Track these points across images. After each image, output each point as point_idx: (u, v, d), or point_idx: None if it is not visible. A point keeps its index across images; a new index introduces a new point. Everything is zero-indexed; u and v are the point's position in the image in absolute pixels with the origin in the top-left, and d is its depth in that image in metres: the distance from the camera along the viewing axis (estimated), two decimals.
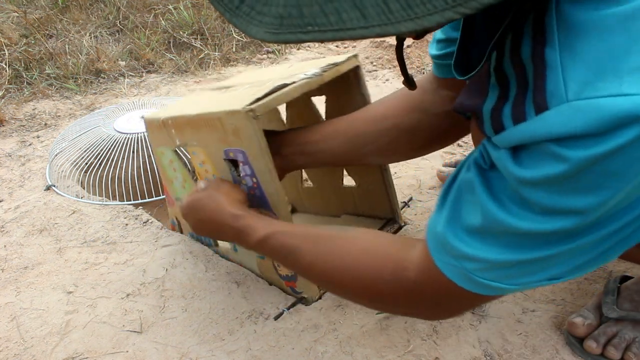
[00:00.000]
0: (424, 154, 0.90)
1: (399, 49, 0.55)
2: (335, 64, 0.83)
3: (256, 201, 0.80)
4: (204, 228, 0.77)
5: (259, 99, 0.72)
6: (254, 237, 0.68)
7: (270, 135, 0.80)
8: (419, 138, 0.81)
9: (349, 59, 0.86)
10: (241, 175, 0.79)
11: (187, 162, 0.93)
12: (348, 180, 1.03)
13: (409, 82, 0.60)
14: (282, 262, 0.68)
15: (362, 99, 0.89)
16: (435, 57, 0.75)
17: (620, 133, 0.34)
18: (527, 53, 0.39)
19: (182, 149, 0.88)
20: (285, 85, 0.77)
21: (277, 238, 0.66)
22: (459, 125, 0.81)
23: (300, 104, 0.97)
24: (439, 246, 0.50)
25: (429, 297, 0.54)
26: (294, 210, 1.11)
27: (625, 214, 0.41)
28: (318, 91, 0.93)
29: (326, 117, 0.97)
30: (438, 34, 0.75)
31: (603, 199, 0.38)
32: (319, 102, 0.98)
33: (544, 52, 0.37)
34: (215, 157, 0.81)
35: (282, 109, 1.02)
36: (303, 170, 1.05)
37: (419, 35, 0.45)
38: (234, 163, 0.79)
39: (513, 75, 0.41)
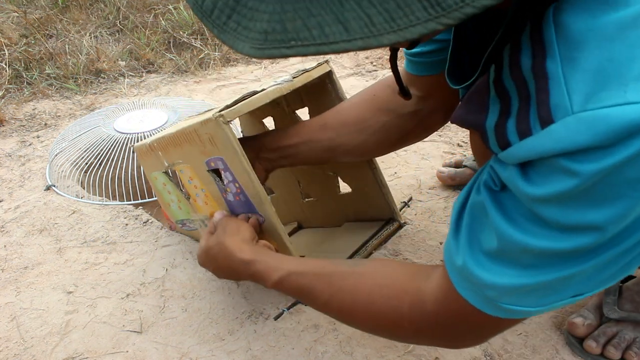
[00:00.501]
0: (395, 150, 0.94)
1: (393, 59, 0.54)
2: (306, 70, 0.87)
3: (243, 207, 0.81)
4: (224, 276, 0.79)
5: (228, 106, 0.76)
6: (269, 282, 0.69)
7: (250, 140, 0.84)
8: (388, 138, 0.84)
9: (319, 64, 0.89)
10: (225, 182, 0.81)
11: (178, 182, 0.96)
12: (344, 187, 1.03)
13: (404, 92, 0.60)
14: (300, 300, 0.69)
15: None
16: (409, 54, 0.74)
17: (630, 143, 0.33)
18: (528, 66, 0.39)
19: (171, 169, 0.91)
20: (255, 92, 0.81)
21: (290, 280, 0.67)
22: (425, 124, 0.84)
23: (286, 118, 1.00)
24: (459, 275, 0.49)
25: (451, 326, 0.53)
26: (299, 227, 1.13)
27: None
28: (300, 103, 0.97)
29: None
30: None
31: (621, 210, 0.37)
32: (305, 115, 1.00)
33: (544, 64, 0.37)
34: (199, 170, 0.83)
35: (269, 122, 1.06)
36: (301, 184, 1.08)
37: (411, 44, 0.44)
38: (217, 173, 0.82)
39: (514, 89, 0.41)
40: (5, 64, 1.80)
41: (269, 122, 1.05)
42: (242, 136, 1.01)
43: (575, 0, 0.36)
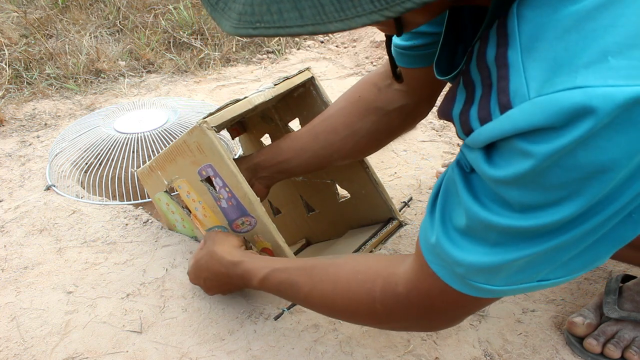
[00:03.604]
0: (385, 145, 0.96)
1: (388, 44, 0.57)
2: (288, 77, 0.90)
3: (235, 211, 0.82)
4: (213, 285, 0.83)
5: (212, 114, 0.80)
6: (256, 279, 0.72)
7: (245, 161, 0.87)
8: (379, 137, 0.87)
9: (301, 72, 0.92)
10: (217, 189, 0.83)
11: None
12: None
13: (397, 76, 0.62)
14: (284, 297, 0.72)
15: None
16: (399, 47, 0.76)
17: (579, 124, 0.35)
18: (492, 56, 0.41)
19: (170, 187, 0.94)
20: (237, 100, 0.84)
21: (275, 276, 0.70)
22: (412, 117, 0.87)
23: (281, 132, 1.03)
24: (432, 251, 0.50)
25: (423, 307, 0.54)
26: (308, 243, 1.14)
27: (606, 207, 0.41)
28: (291, 115, 1.01)
29: None
30: None
31: (576, 195, 0.39)
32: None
33: (506, 54, 0.39)
34: (194, 182, 0.86)
35: (266, 139, 1.08)
36: (304, 197, 1.09)
37: (398, 32, 0.47)
38: (209, 182, 0.84)
39: (478, 78, 0.43)
40: (5, 64, 1.80)
41: (267, 140, 1.07)
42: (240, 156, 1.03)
43: None
